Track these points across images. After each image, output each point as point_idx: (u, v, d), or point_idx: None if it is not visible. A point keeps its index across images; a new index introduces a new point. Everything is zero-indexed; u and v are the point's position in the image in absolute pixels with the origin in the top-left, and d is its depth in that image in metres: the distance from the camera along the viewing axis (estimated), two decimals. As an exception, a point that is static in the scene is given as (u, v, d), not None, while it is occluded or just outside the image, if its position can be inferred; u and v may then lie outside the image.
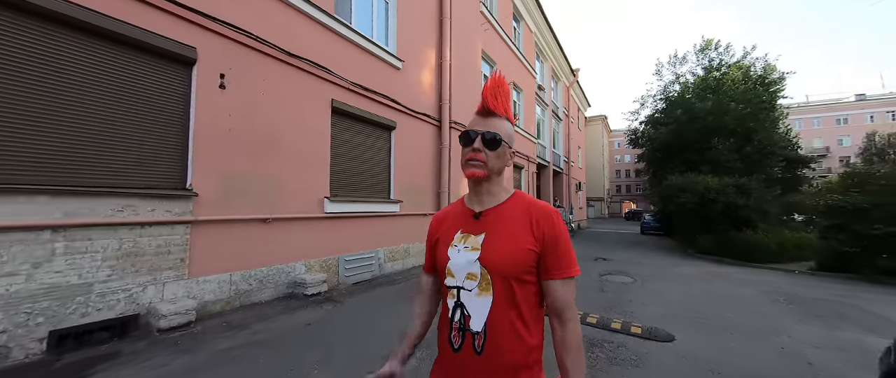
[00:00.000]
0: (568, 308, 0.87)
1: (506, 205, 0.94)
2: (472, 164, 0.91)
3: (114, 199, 3.14)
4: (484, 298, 0.87)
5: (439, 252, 0.97)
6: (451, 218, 1.01)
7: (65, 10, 2.90)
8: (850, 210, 7.24)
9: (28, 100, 2.79)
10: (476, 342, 0.85)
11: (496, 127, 0.91)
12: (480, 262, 0.88)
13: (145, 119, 3.45)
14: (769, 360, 3.18)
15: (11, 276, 2.60)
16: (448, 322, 0.91)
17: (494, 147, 0.90)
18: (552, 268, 0.87)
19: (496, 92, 0.92)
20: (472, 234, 0.92)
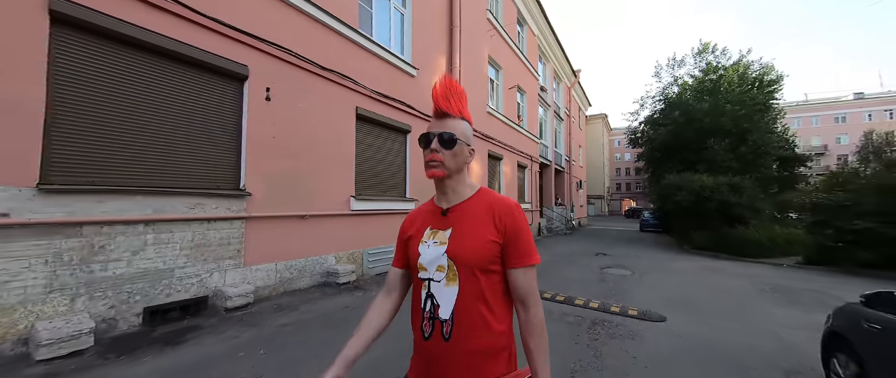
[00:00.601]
0: (530, 294, 0.91)
1: (470, 201, 0.98)
2: (431, 166, 0.94)
3: (188, 197, 3.69)
4: (451, 288, 0.91)
5: (411, 248, 1.01)
6: (421, 216, 1.05)
7: (151, 39, 3.43)
8: (834, 207, 7.78)
9: (127, 117, 3.33)
10: (444, 329, 0.89)
11: (451, 127, 0.94)
12: (447, 255, 0.92)
13: (210, 129, 3.99)
14: (746, 336, 3.73)
15: (116, 262, 3.15)
16: (420, 312, 0.95)
17: (450, 146, 0.93)
18: (514, 257, 0.91)
19: (448, 94, 0.95)
20: (440, 229, 0.97)
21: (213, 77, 4.04)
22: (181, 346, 3.05)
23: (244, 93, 4.36)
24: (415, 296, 0.99)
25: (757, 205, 10.91)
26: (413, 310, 0.99)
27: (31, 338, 2.66)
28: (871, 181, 7.68)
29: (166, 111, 3.63)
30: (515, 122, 12.89)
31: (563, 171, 20.66)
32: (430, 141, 0.93)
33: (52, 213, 2.80)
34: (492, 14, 11.01)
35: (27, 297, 2.69)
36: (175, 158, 3.68)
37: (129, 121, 3.36)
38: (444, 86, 0.96)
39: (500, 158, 11.58)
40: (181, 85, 3.75)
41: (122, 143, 3.31)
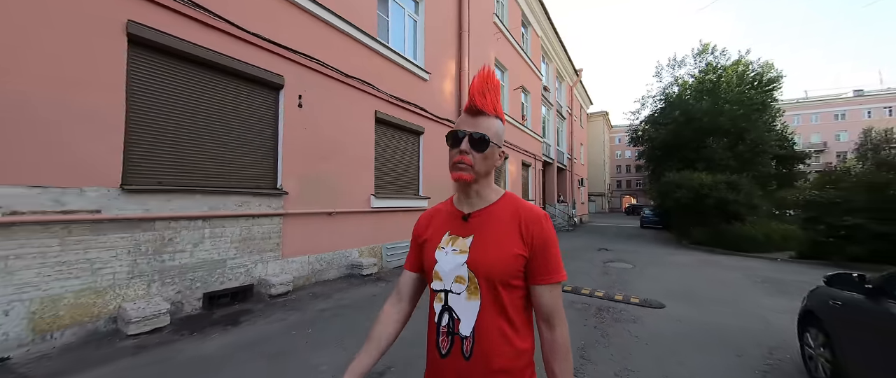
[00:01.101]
0: (555, 313, 0.85)
1: (495, 206, 0.91)
2: (458, 168, 0.86)
3: (237, 196, 4.11)
4: (473, 302, 0.84)
5: (426, 253, 0.93)
6: (439, 218, 0.97)
7: (204, 54, 3.84)
8: (825, 204, 8.20)
9: (186, 125, 3.75)
10: (464, 347, 0.83)
11: (484, 127, 0.86)
12: (468, 266, 0.85)
13: (252, 134, 4.41)
14: (736, 320, 4.17)
15: (181, 252, 3.59)
16: (436, 327, 0.88)
17: (482, 148, 0.85)
18: (540, 273, 0.85)
19: (484, 89, 0.86)
20: (461, 236, 0.89)
21: (255, 87, 4.45)
22: (240, 326, 3.49)
23: (280, 101, 4.77)
24: (430, 307, 0.92)
25: (753, 202, 11.33)
26: (429, 323, 0.92)
27: (119, 316, 3.10)
28: (862, 180, 8.09)
29: (217, 118, 4.04)
30: (520, 122, 13.28)
31: (566, 170, 21.07)
32: (460, 140, 0.85)
33: (132, 210, 3.23)
34: (498, 17, 11.38)
35: (115, 281, 3.13)
36: (225, 161, 4.10)
37: (188, 127, 3.78)
38: (481, 79, 0.86)
39: (506, 157, 11.99)
40: (229, 95, 4.16)
41: (183, 147, 3.73)
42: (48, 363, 2.63)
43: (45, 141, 2.79)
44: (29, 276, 2.68)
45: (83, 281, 2.94)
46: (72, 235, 2.89)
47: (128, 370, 2.58)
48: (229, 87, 4.17)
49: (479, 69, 0.89)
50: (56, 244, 2.81)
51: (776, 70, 20.45)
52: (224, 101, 4.12)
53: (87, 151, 2.99)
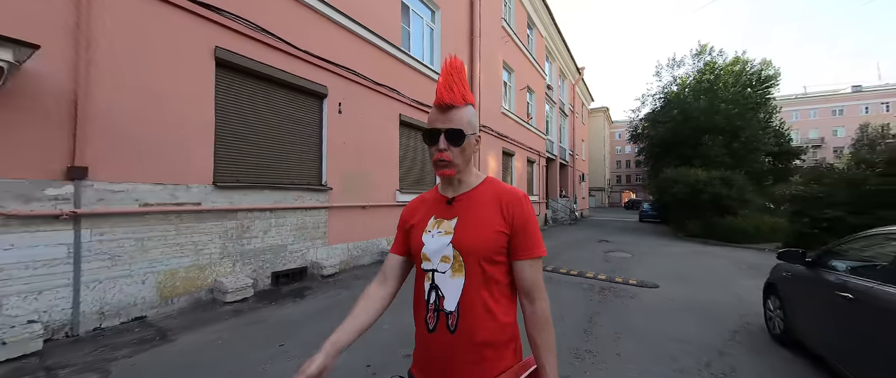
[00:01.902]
0: (536, 287, 0.89)
1: (477, 190, 0.95)
2: (440, 165, 0.90)
3: (293, 191, 4.82)
4: (457, 279, 0.88)
5: (414, 237, 0.97)
6: (425, 205, 1.02)
7: (267, 70, 4.52)
8: (809, 199, 8.91)
9: (255, 131, 4.45)
10: (450, 321, 0.87)
11: (456, 120, 0.87)
12: (453, 245, 0.89)
13: (303, 138, 5.11)
14: (717, 296, 4.91)
15: (255, 238, 4.32)
16: (424, 304, 0.93)
17: (459, 142, 0.88)
18: (520, 249, 0.89)
19: (450, 82, 0.87)
20: (445, 218, 0.94)
21: (305, 97, 5.14)
22: (305, 299, 4.23)
23: (324, 108, 5.45)
24: (417, 287, 0.97)
25: (745, 197, 12.04)
26: (416, 301, 0.97)
27: (215, 287, 3.84)
28: (842, 176, 8.78)
29: (277, 125, 4.74)
30: (525, 121, 13.94)
31: (568, 165, 21.76)
32: (437, 138, 0.88)
33: (222, 203, 3.94)
34: (505, 21, 11.98)
35: (211, 260, 3.86)
36: (284, 161, 4.81)
37: (256, 133, 4.48)
38: (446, 73, 0.88)
39: (512, 154, 12.68)
40: (285, 104, 4.85)
41: (253, 149, 4.44)
42: (173, 321, 3.37)
43: (163, 148, 3.49)
44: (156, 253, 3.41)
45: (191, 259, 3.67)
46: (183, 222, 3.61)
47: (236, 328, 3.32)
48: (285, 98, 4.86)
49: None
50: (172, 229, 3.53)
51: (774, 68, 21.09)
52: (282, 110, 4.81)
53: (190, 156, 3.70)
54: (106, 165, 3.09)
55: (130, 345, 2.86)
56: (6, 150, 2.60)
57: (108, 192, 3.10)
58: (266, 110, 4.60)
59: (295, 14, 4.90)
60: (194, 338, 3.07)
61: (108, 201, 3.10)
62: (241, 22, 4.16)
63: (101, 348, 2.77)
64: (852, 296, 2.31)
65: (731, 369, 2.79)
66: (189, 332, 3.16)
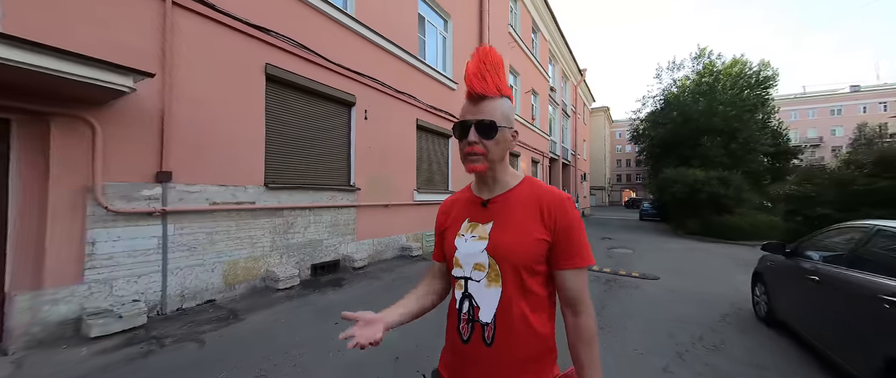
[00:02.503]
0: (581, 299, 0.82)
1: (515, 191, 0.88)
2: (471, 160, 0.83)
3: (328, 192, 5.32)
4: (493, 290, 0.82)
5: (447, 242, 0.92)
6: (458, 205, 0.96)
7: (306, 83, 5.01)
8: (802, 198, 9.41)
9: (296, 137, 4.95)
10: (486, 333, 0.82)
11: (490, 111, 0.81)
12: (488, 252, 0.83)
13: (335, 143, 5.62)
14: (712, 287, 5.42)
15: (297, 233, 4.82)
16: (456, 313, 0.88)
17: (491, 134, 0.81)
18: (564, 257, 0.82)
19: (482, 71, 0.81)
20: (480, 222, 0.87)
21: (336, 105, 5.64)
22: (343, 288, 4.73)
23: (352, 115, 5.95)
24: (451, 294, 0.93)
25: (742, 196, 12.54)
26: (449, 310, 0.93)
27: (267, 276, 4.35)
28: (832, 176, 9.28)
29: (313, 131, 5.24)
30: (529, 122, 14.43)
31: (570, 165, 22.26)
32: (467, 131, 0.82)
33: (271, 202, 4.45)
34: (512, 27, 12.46)
35: (263, 252, 4.36)
36: (319, 164, 5.31)
37: (297, 139, 4.98)
38: (477, 61, 0.82)
39: (517, 155, 13.18)
40: (320, 113, 5.35)
41: (295, 154, 4.94)
42: (238, 304, 3.88)
43: (225, 154, 3.99)
44: (222, 246, 3.92)
45: (248, 251, 4.18)
46: (242, 219, 4.12)
47: (291, 310, 3.82)
48: (320, 107, 5.35)
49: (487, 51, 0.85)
50: (234, 225, 4.04)
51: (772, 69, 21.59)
52: (317, 118, 5.31)
53: (246, 160, 4.20)
54: (184, 170, 3.59)
55: (211, 322, 3.37)
56: (115, 158, 3.10)
57: (186, 192, 3.60)
58: (304, 118, 5.10)
59: (330, 31, 5.40)
60: (260, 317, 3.58)
61: (187, 201, 3.60)
62: (286, 40, 4.65)
63: (188, 324, 3.28)
64: (819, 279, 2.82)
65: (721, 342, 3.29)
66: (254, 313, 3.67)
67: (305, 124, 5.11)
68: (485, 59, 0.83)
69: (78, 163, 2.91)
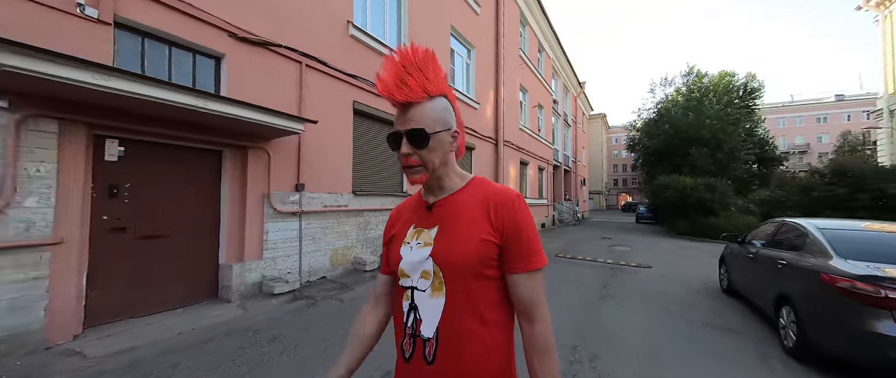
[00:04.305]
0: (534, 305, 0.75)
1: (461, 193, 0.82)
2: (409, 173, 0.78)
3: (389, 197, 6.73)
4: (437, 300, 0.75)
5: (393, 250, 0.86)
6: (407, 211, 0.90)
7: (372, 112, 6.44)
8: (773, 202, 10.94)
9: (369, 154, 6.36)
10: (427, 350, 0.75)
11: (418, 118, 0.75)
12: (433, 259, 0.77)
13: (391, 158, 7.03)
14: (693, 273, 6.88)
15: (372, 230, 6.21)
16: (402, 327, 0.81)
17: (423, 143, 0.75)
18: (514, 260, 0.75)
19: (402, 76, 0.73)
20: (425, 228, 0.81)
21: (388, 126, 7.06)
22: (408, 272, 6.12)
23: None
24: (397, 307, 0.84)
25: (726, 200, 14.07)
26: (395, 323, 0.85)
27: (356, 261, 5.73)
28: (799, 183, 10.82)
29: (376, 149, 6.66)
30: (536, 133, 15.93)
31: (571, 171, 23.79)
32: (400, 142, 0.77)
33: (356, 205, 5.85)
34: (522, 51, 14.00)
35: (353, 243, 5.76)
36: (382, 174, 6.73)
37: (368, 155, 6.40)
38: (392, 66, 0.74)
39: (527, 163, 14.66)
40: (381, 134, 6.77)
41: (368, 167, 6.35)
42: (342, 280, 5.25)
43: (330, 169, 5.40)
44: (328, 238, 5.31)
45: (344, 242, 5.57)
46: (340, 218, 5.51)
47: (382, 284, 5.21)
48: (382, 130, 6.78)
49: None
50: (335, 222, 5.43)
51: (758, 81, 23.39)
52: (379, 139, 6.73)
53: (342, 174, 5.61)
54: (310, 182, 4.99)
55: (333, 290, 4.75)
56: (277, 175, 4.51)
57: (311, 198, 5.00)
58: (373, 139, 6.53)
59: (391, 70, 6.84)
60: (363, 288, 4.96)
61: (311, 204, 5.00)
62: (364, 81, 6.09)
63: (321, 290, 4.66)
64: (753, 257, 4.27)
65: (694, 304, 4.72)
66: (356, 286, 5.04)
67: (374, 144, 6.54)
68: (404, 62, 0.74)
69: (260, 178, 4.31)
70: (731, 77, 23.15)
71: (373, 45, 6.28)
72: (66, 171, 2.84)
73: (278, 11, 4.62)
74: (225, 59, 4.06)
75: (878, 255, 2.83)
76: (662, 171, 18.50)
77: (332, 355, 0.64)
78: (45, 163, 2.73)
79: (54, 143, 2.77)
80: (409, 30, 7.40)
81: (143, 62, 3.48)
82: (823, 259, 3.01)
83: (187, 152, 3.84)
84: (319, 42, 5.21)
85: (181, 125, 3.51)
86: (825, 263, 2.93)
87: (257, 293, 4.22)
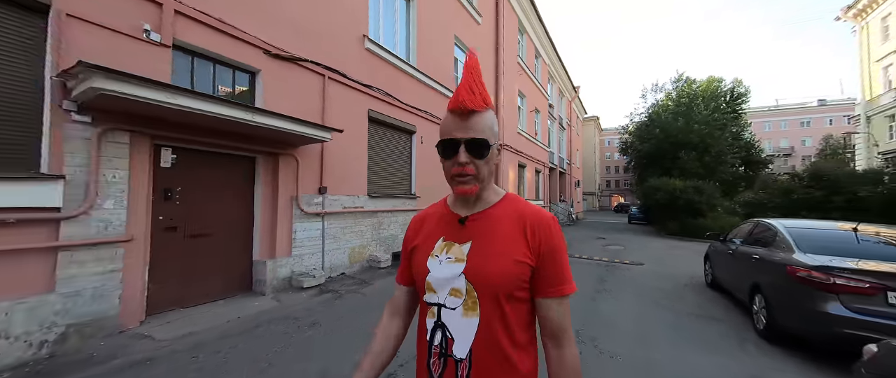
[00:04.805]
0: (564, 330, 0.76)
1: (496, 209, 0.81)
2: (461, 182, 0.76)
3: (400, 199, 7.15)
4: (470, 319, 0.74)
5: (417, 262, 0.83)
6: (431, 222, 0.88)
7: (385, 119, 6.85)
8: (756, 203, 11.62)
9: (381, 158, 6.78)
10: (459, 371, 0.74)
11: (480, 128, 0.74)
12: (466, 276, 0.75)
13: (403, 162, 7.47)
14: (681, 270, 7.43)
15: (385, 229, 6.63)
16: (427, 345, 0.78)
17: (484, 153, 0.75)
18: (547, 284, 0.75)
19: (471, 84, 0.74)
20: (457, 242, 0.79)
21: (403, 134, 7.50)
22: (418, 269, 6.55)
23: (413, 141, 7.81)
24: (420, 324, 0.82)
25: (713, 202, 14.77)
26: (418, 340, 0.82)
27: (371, 259, 6.14)
28: (779, 186, 11.51)
29: (390, 154, 7.08)
30: (533, 137, 16.48)
31: (565, 173, 24.43)
32: (456, 150, 0.74)
33: (371, 206, 6.26)
34: (520, 57, 14.53)
35: (368, 242, 6.17)
36: (394, 178, 7.15)
37: (382, 160, 6.81)
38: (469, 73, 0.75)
39: (524, 166, 15.18)
40: (394, 140, 7.20)
41: (382, 171, 6.77)
42: (360, 276, 5.66)
43: (348, 174, 5.80)
44: (348, 236, 5.72)
45: (360, 241, 5.98)
46: (356, 218, 5.92)
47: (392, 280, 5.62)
48: (394, 137, 7.21)
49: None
50: (353, 222, 5.84)
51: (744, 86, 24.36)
52: (392, 145, 7.16)
53: (358, 177, 6.02)
54: (331, 185, 5.40)
55: (353, 284, 5.16)
56: (303, 179, 4.91)
57: (332, 200, 5.40)
58: (386, 145, 6.95)
59: (403, 80, 7.28)
60: (380, 283, 5.37)
61: (332, 206, 5.40)
62: (379, 91, 6.51)
63: (344, 284, 5.06)
64: (732, 253, 4.79)
65: (681, 297, 5.23)
66: (373, 282, 5.45)
67: (387, 150, 6.96)
68: (473, 70, 0.75)
69: (289, 182, 4.71)
70: (719, 83, 24.10)
71: (385, 56, 6.71)
72: (135, 176, 3.22)
73: (305, 28, 5.02)
74: (260, 74, 4.45)
75: (832, 249, 3.35)
76: (653, 174, 19.23)
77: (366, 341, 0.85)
78: (119, 170, 3.11)
79: (126, 152, 3.15)
80: (418, 40, 7.84)
81: (192, 78, 3.86)
82: (789, 253, 3.53)
83: (226, 159, 4.23)
84: (339, 55, 5.62)
85: (224, 134, 3.90)
86: (790, 257, 3.45)
87: (288, 287, 4.62)
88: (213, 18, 3.83)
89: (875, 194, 8.68)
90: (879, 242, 3.43)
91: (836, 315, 2.82)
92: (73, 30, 2.86)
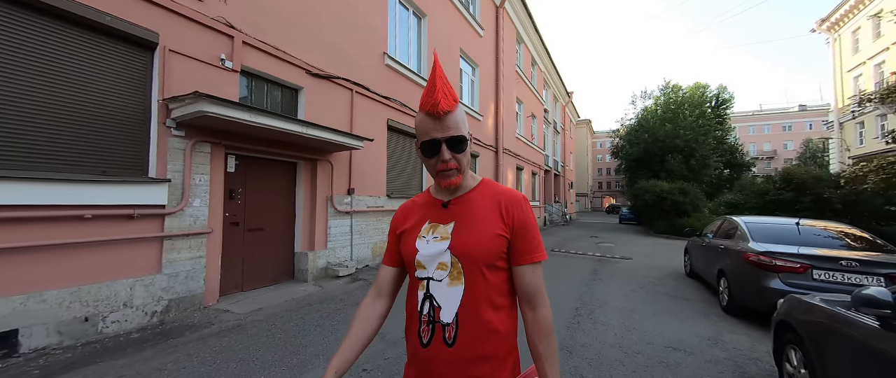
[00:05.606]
0: (538, 293, 0.85)
1: (474, 192, 0.91)
2: (447, 175, 0.85)
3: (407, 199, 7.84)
4: (455, 288, 0.83)
5: (406, 244, 0.92)
6: (417, 209, 0.97)
7: (398, 126, 7.56)
8: (734, 204, 12.60)
9: (397, 162, 7.48)
10: (446, 334, 0.82)
11: (455, 125, 0.82)
12: (451, 251, 0.84)
13: (414, 165, 8.18)
14: (666, 264, 8.29)
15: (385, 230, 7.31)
16: (417, 316, 0.87)
17: (463, 148, 0.85)
18: (521, 253, 0.85)
19: (441, 86, 0.79)
20: (441, 223, 0.89)
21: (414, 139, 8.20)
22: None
23: (423, 145, 8.53)
24: (410, 298, 0.91)
25: (698, 203, 15.78)
26: (408, 313, 0.91)
27: (390, 254, 6.83)
28: (755, 188, 12.51)
29: (403, 158, 7.79)
30: (530, 141, 17.32)
31: (560, 175, 25.37)
32: (438, 148, 0.82)
33: (390, 205, 6.96)
34: (518, 66, 15.36)
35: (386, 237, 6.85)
36: (408, 178, 7.86)
37: (398, 164, 7.52)
38: (437, 76, 0.79)
39: (522, 169, 16.00)
40: (406, 145, 7.92)
41: (398, 173, 7.47)
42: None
43: (372, 177, 6.50)
44: (370, 232, 6.41)
45: (381, 237, 6.68)
46: (377, 217, 6.62)
47: (415, 271, 6.35)
48: (407, 142, 7.92)
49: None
50: (375, 220, 6.54)
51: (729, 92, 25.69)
52: (405, 149, 7.87)
53: (379, 180, 6.72)
54: (358, 187, 6.09)
55: (379, 275, 5.84)
56: (336, 181, 5.60)
57: (358, 200, 6.10)
58: (401, 150, 7.66)
59: (415, 92, 8.00)
60: (401, 274, 6.07)
61: (358, 205, 6.10)
62: (396, 102, 7.22)
63: (369, 274, 5.75)
64: (705, 245, 5.62)
65: (662, 284, 6.05)
66: (395, 273, 6.15)
67: (402, 154, 7.67)
68: (441, 72, 0.80)
69: (324, 184, 5.39)
70: (704, 89, 25.38)
71: (402, 71, 7.44)
72: (213, 180, 3.89)
73: (337, 49, 5.72)
74: (302, 91, 5.14)
75: (778, 238, 4.18)
76: (642, 176, 20.26)
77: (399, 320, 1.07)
78: (203, 174, 3.77)
79: (208, 160, 3.82)
80: (429, 54, 8.58)
81: (251, 96, 4.53)
82: (745, 243, 4.35)
83: (274, 164, 4.90)
84: (364, 71, 6.33)
85: (275, 143, 4.57)
86: (746, 245, 4.26)
87: (324, 275, 5.30)
88: (270, 46, 4.52)
89: (836, 196, 9.70)
90: (814, 233, 4.28)
91: (776, 288, 3.63)
92: (172, 61, 3.52)
